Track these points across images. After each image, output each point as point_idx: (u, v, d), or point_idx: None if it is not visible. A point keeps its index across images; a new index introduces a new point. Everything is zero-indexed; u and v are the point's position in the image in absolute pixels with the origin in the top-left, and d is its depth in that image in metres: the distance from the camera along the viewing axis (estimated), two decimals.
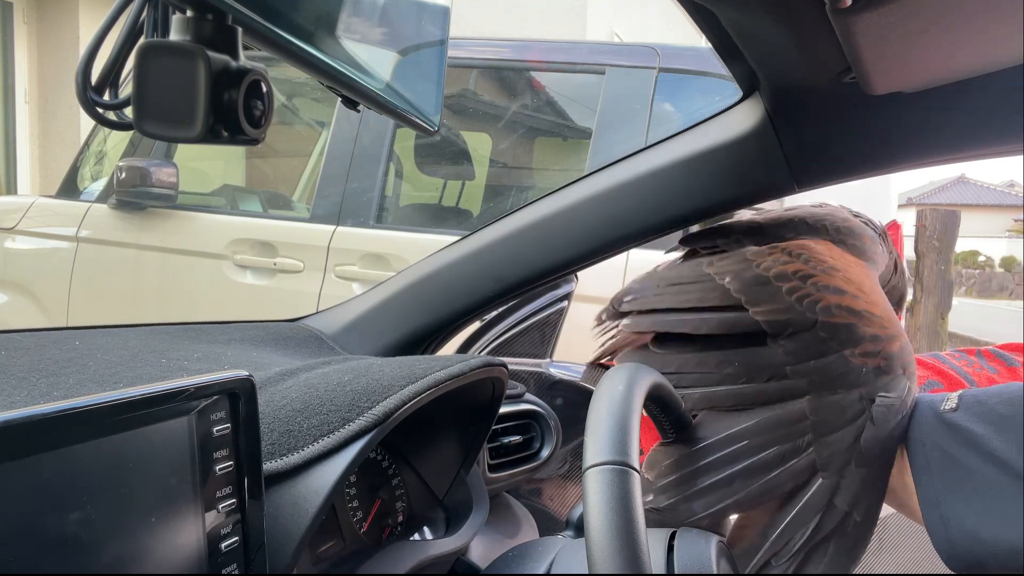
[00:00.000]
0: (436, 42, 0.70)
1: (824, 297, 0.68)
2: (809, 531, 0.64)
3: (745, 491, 0.65)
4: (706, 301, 0.74)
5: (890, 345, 0.66)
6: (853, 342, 0.66)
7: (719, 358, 0.70)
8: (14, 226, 2.70)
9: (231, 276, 2.40)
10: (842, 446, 0.64)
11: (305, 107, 3.14)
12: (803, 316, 0.68)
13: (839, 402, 0.65)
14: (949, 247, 4.79)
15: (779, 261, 0.72)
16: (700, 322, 0.73)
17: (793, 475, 0.65)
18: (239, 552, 0.48)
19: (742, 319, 0.70)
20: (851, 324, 0.66)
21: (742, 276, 0.73)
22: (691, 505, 0.66)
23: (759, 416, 0.67)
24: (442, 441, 0.84)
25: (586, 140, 2.29)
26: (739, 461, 0.66)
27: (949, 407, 0.64)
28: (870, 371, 0.65)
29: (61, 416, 0.38)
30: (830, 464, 0.64)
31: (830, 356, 0.66)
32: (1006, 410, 0.60)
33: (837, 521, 0.65)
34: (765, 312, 0.69)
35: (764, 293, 0.70)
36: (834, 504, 0.64)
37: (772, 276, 0.71)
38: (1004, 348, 0.87)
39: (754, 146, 0.79)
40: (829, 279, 0.69)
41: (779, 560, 0.65)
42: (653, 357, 0.74)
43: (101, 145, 2.91)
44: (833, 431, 0.64)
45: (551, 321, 1.24)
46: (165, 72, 0.40)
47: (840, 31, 0.52)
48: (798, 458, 0.65)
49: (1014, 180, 33.46)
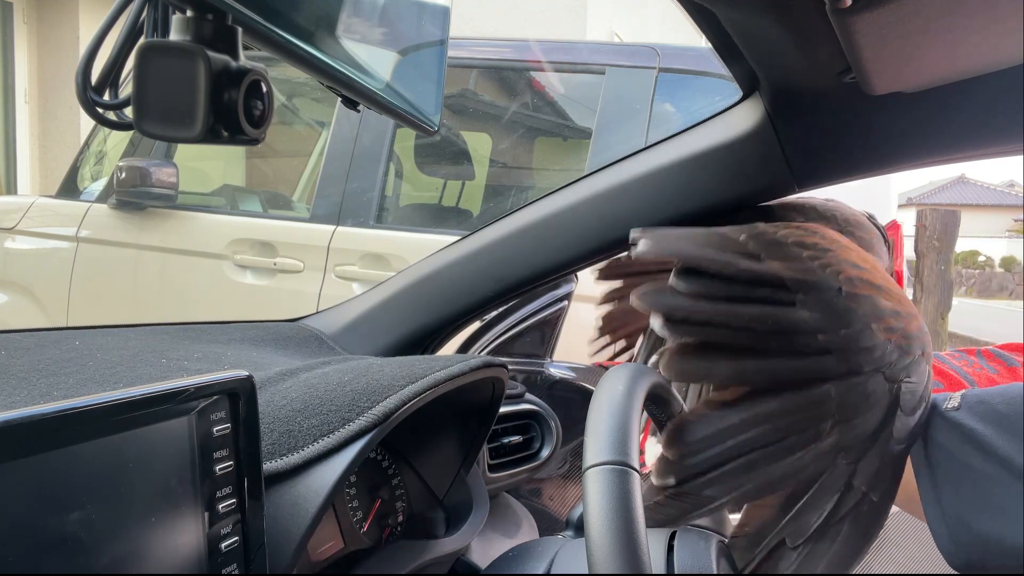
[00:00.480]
0: (436, 42, 0.70)
1: (844, 269, 0.66)
2: (827, 512, 0.63)
3: (767, 475, 0.63)
4: (727, 248, 0.68)
5: (910, 324, 0.65)
6: (876, 315, 0.64)
7: (752, 314, 0.65)
8: (14, 226, 2.70)
9: (231, 276, 2.40)
10: (867, 430, 0.63)
11: (305, 107, 3.14)
12: (827, 281, 0.65)
13: (864, 384, 0.63)
14: (949, 247, 4.80)
15: (795, 233, 0.70)
16: (729, 262, 0.66)
17: (816, 457, 0.63)
18: (239, 552, 0.48)
19: (769, 269, 0.66)
20: (873, 296, 0.65)
21: (758, 236, 0.69)
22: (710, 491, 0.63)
23: (782, 398, 0.64)
24: (442, 441, 0.84)
25: (586, 140, 2.29)
26: (760, 444, 0.63)
27: (951, 406, 0.64)
28: (893, 349, 0.64)
29: (61, 416, 0.38)
30: (852, 447, 0.63)
31: (856, 327, 0.64)
32: (1008, 409, 0.60)
33: (854, 502, 0.64)
34: (788, 268, 0.65)
35: (784, 252, 0.67)
36: (852, 485, 0.63)
37: (791, 243, 0.68)
38: (1004, 348, 0.87)
39: (754, 146, 0.79)
40: (846, 254, 0.68)
41: (794, 540, 0.64)
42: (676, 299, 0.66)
43: (101, 145, 2.91)
44: (858, 414, 0.63)
45: (551, 321, 1.24)
46: (165, 72, 0.40)
47: (840, 31, 0.52)
48: (821, 440, 0.63)
49: (1014, 180, 33.46)
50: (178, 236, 2.47)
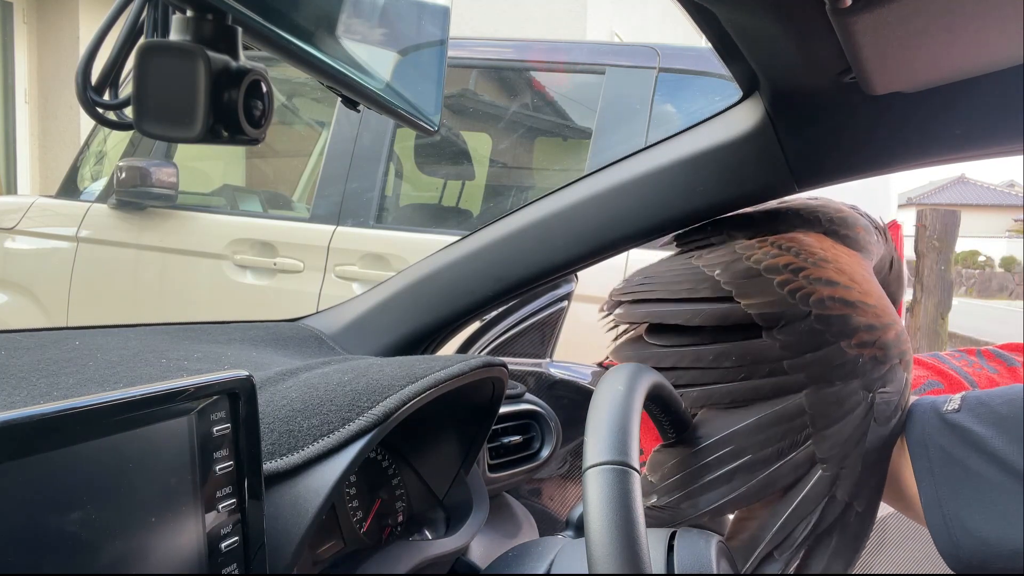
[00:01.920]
0: (436, 42, 0.70)
1: (816, 290, 0.67)
2: (812, 524, 0.64)
3: (746, 486, 0.65)
4: (697, 293, 0.73)
5: (885, 334, 0.66)
6: (848, 333, 0.65)
7: (716, 351, 0.70)
8: (14, 226, 2.70)
9: (231, 276, 2.40)
10: (841, 438, 0.64)
11: (305, 107, 3.14)
12: (796, 308, 0.67)
13: (837, 394, 0.64)
14: (949, 247, 4.79)
15: (769, 255, 0.72)
16: (693, 313, 0.72)
17: (794, 467, 0.65)
18: (239, 552, 0.48)
19: (735, 311, 0.70)
20: (845, 315, 0.66)
21: (732, 268, 0.73)
22: (694, 502, 0.66)
23: (758, 413, 0.67)
24: (442, 441, 0.84)
25: (586, 140, 2.29)
26: (740, 457, 0.66)
27: (951, 408, 0.64)
28: (867, 361, 0.65)
29: (61, 416, 0.38)
30: (831, 457, 0.64)
31: (826, 348, 0.65)
32: (1008, 411, 0.60)
33: (838, 512, 0.64)
34: (757, 304, 0.69)
35: (755, 286, 0.70)
36: (835, 496, 0.64)
37: (763, 269, 0.71)
38: (1004, 348, 0.87)
39: (754, 146, 0.79)
40: (820, 271, 0.69)
41: (781, 552, 0.64)
42: (648, 350, 0.74)
43: (101, 145, 2.91)
44: (832, 424, 0.64)
45: (551, 321, 1.24)
46: (165, 72, 0.40)
47: (840, 31, 0.52)
48: (797, 451, 0.65)
49: (1014, 180, 33.47)
50: (178, 236, 2.47)
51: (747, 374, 0.68)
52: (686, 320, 0.72)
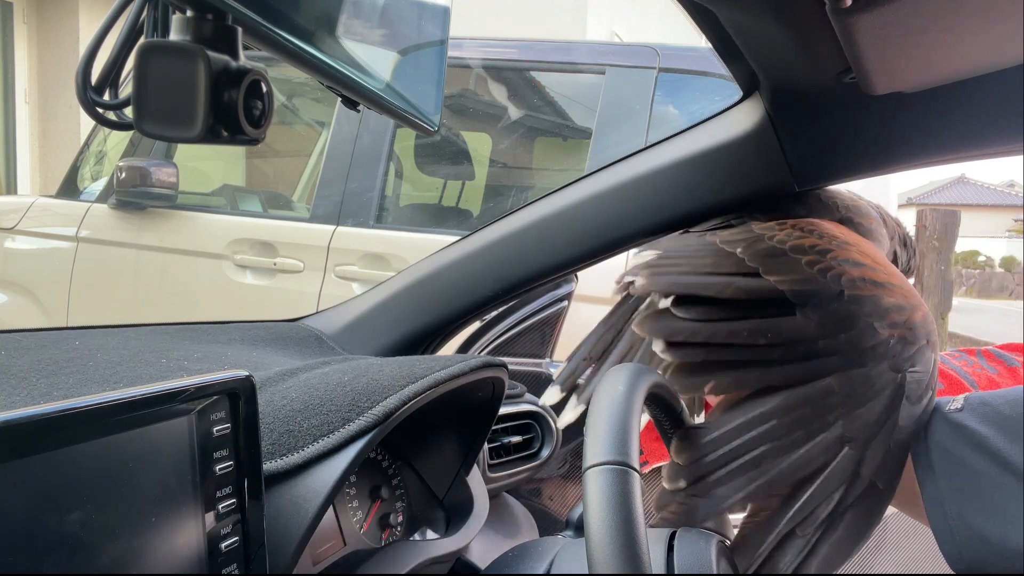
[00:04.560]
0: (436, 42, 0.70)
1: (846, 270, 0.66)
2: (835, 502, 0.63)
3: (776, 470, 0.63)
4: (721, 268, 0.70)
5: (913, 315, 0.66)
6: (880, 313, 0.65)
7: (751, 327, 0.66)
8: (14, 226, 2.70)
9: (231, 276, 2.40)
10: (871, 418, 0.63)
11: (305, 107, 3.14)
12: (828, 287, 0.65)
13: (867, 374, 0.63)
14: (949, 247, 4.79)
15: (792, 235, 0.70)
16: (724, 285, 0.68)
17: (824, 449, 0.63)
18: (239, 552, 0.48)
19: (766, 285, 0.67)
20: (876, 295, 0.65)
21: (755, 247, 0.70)
22: (720, 490, 0.63)
23: (786, 395, 0.65)
24: (442, 441, 0.84)
25: (586, 140, 2.29)
26: (766, 441, 0.64)
27: (954, 408, 0.64)
28: (897, 342, 0.64)
29: (61, 416, 0.38)
30: (857, 436, 0.63)
31: (859, 328, 0.64)
32: (1011, 411, 0.60)
33: (861, 491, 0.64)
34: (787, 281, 0.66)
35: (782, 264, 0.68)
36: (860, 474, 0.63)
37: (788, 249, 0.69)
38: (1004, 348, 0.87)
39: (754, 146, 0.79)
40: (846, 253, 0.68)
41: (804, 529, 0.63)
42: (677, 323, 0.68)
43: (101, 145, 2.91)
44: (862, 404, 0.63)
45: (551, 321, 1.24)
46: (165, 72, 0.40)
47: (840, 31, 0.52)
48: (827, 431, 0.63)
49: (1014, 180, 33.46)
50: (178, 236, 2.47)
51: (781, 354, 0.66)
52: (717, 292, 0.68)
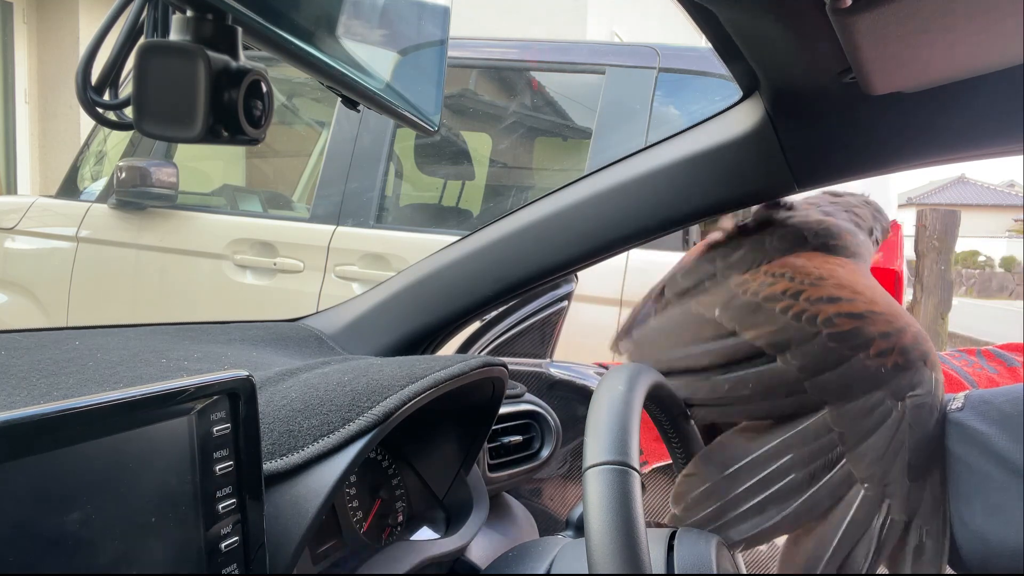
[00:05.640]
0: (436, 42, 0.70)
1: (821, 309, 0.66)
2: (873, 549, 0.61)
3: (781, 515, 0.63)
4: (701, 336, 0.72)
5: (902, 338, 0.64)
6: (864, 345, 0.64)
7: (732, 380, 0.68)
8: (14, 226, 2.70)
9: (231, 276, 2.40)
10: (878, 453, 0.61)
11: (305, 107, 3.14)
12: (803, 330, 0.66)
13: (862, 407, 0.62)
14: (949, 247, 4.80)
15: (764, 284, 0.71)
16: (702, 354, 0.71)
17: (831, 490, 0.62)
18: (239, 552, 0.48)
19: (743, 344, 0.68)
20: (856, 328, 0.65)
21: (731, 305, 0.71)
22: (726, 535, 0.63)
23: (782, 435, 0.65)
24: (442, 441, 0.84)
25: (586, 140, 2.29)
26: (769, 486, 0.63)
27: (955, 407, 0.64)
28: (890, 370, 0.63)
29: (61, 416, 0.38)
30: (871, 475, 0.61)
31: (845, 363, 0.64)
32: (1011, 409, 0.60)
33: (899, 534, 0.61)
34: (764, 335, 0.67)
35: (757, 317, 0.69)
36: (892, 518, 0.61)
37: (762, 300, 0.69)
38: (1004, 348, 0.87)
39: (754, 146, 0.79)
40: (819, 291, 0.68)
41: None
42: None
43: (101, 145, 2.91)
44: (864, 438, 0.62)
45: (551, 321, 1.24)
46: (165, 72, 0.40)
47: (840, 31, 0.52)
48: (832, 472, 0.62)
49: (1014, 180, 33.47)
50: (178, 236, 2.47)
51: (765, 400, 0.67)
52: (695, 362, 0.71)
